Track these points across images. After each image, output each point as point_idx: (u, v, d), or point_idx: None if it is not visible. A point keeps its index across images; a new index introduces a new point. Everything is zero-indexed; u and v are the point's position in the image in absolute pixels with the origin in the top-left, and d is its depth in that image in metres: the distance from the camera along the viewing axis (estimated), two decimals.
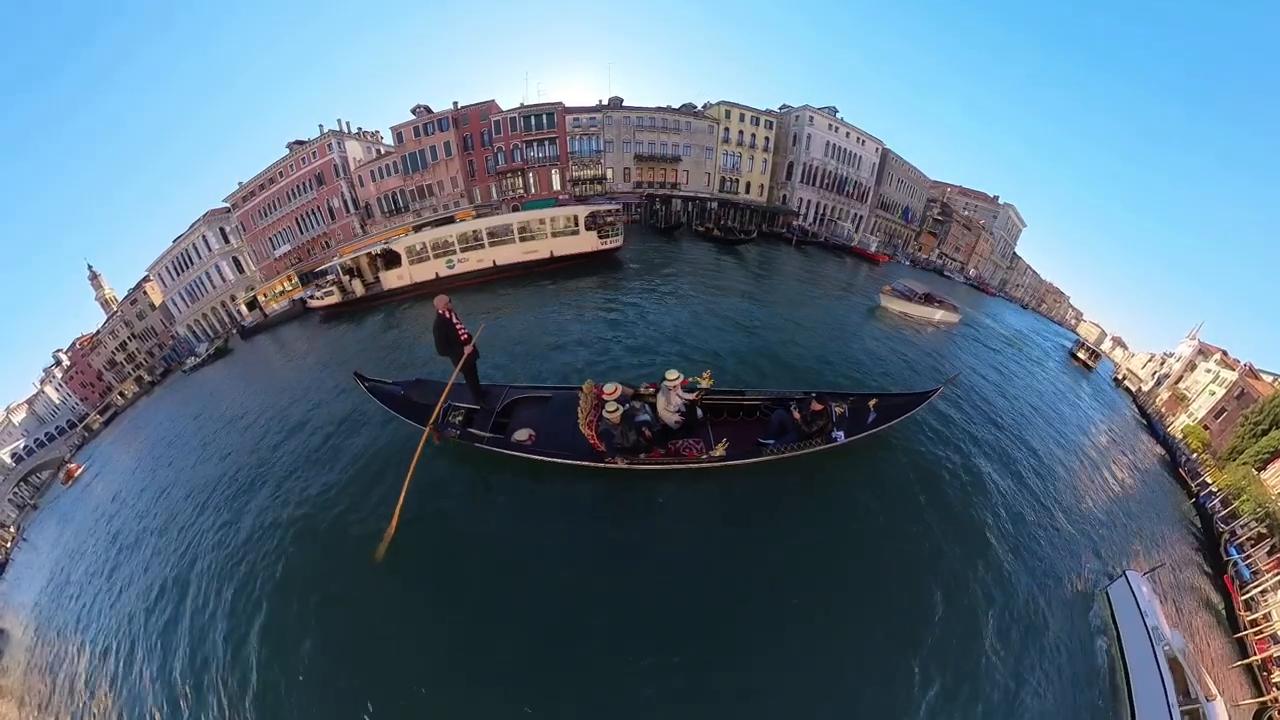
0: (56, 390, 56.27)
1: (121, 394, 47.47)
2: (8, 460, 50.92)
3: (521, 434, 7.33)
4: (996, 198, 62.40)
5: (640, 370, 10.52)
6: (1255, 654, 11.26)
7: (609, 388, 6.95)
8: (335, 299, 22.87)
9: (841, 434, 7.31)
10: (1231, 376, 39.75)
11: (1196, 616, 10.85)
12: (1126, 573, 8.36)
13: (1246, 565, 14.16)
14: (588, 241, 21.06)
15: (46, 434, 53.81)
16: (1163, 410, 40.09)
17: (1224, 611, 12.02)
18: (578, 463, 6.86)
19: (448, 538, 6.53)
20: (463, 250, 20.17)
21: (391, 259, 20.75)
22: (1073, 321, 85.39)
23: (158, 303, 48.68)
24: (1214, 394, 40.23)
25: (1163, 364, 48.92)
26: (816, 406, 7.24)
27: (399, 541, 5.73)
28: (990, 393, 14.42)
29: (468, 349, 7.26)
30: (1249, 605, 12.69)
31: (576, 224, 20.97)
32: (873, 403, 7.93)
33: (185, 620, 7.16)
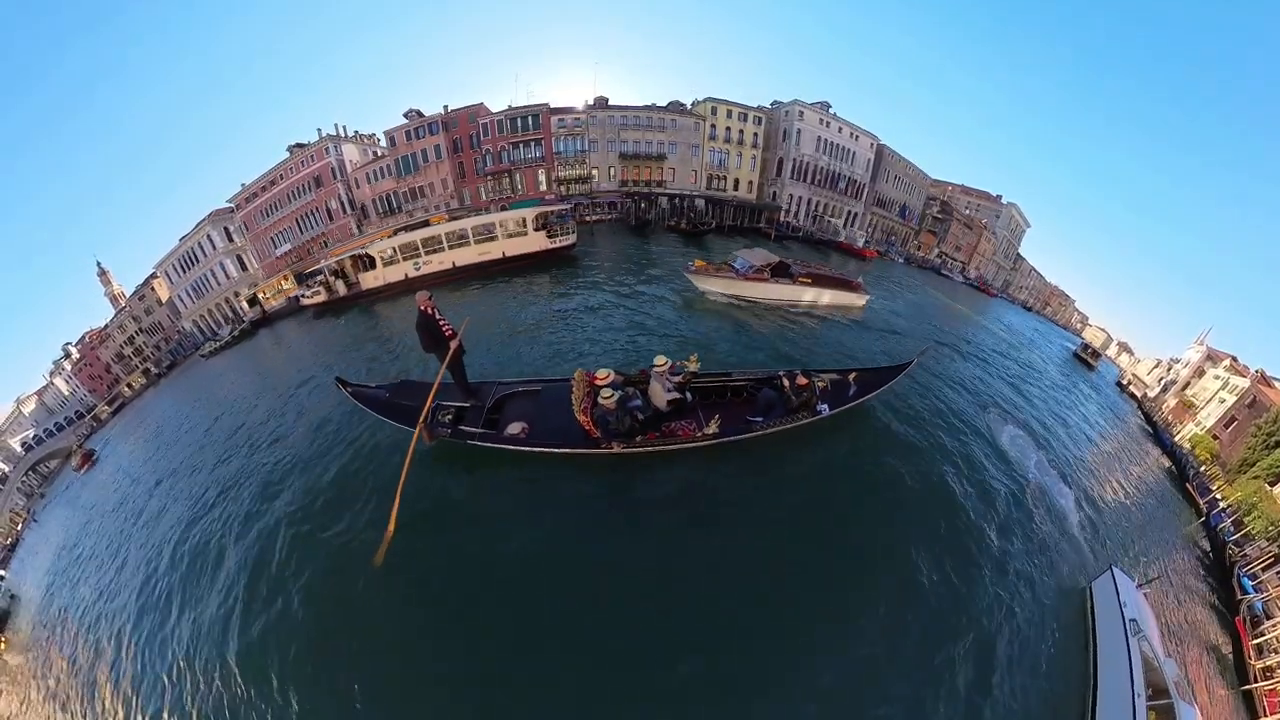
0: (66, 382, 62.66)
1: (129, 385, 53.24)
2: (18, 449, 56.93)
3: (514, 427, 7.65)
4: (999, 197, 64.45)
5: (569, 356, 12.23)
6: (1266, 713, 10.20)
7: (601, 374, 7.46)
8: (323, 297, 27.47)
9: (826, 407, 8.25)
10: (1243, 384, 40.71)
11: (1199, 662, 10.06)
12: (1112, 568, 8.60)
13: (1260, 599, 13.41)
14: (537, 241, 24.53)
15: (55, 424, 59.39)
16: (1169, 418, 40.97)
17: (1232, 658, 11.21)
18: (574, 451, 7.34)
19: (448, 538, 6.86)
20: (426, 253, 24.21)
21: (368, 261, 25.08)
22: (1078, 325, 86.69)
23: (164, 299, 54.64)
24: (1224, 402, 41.27)
25: (1169, 370, 50.38)
26: (802, 381, 8.16)
27: (398, 545, 6.02)
28: (978, 390, 14.69)
29: (453, 344, 7.61)
30: (1260, 651, 11.68)
31: (525, 225, 24.48)
32: (852, 376, 9.04)
33: (174, 617, 7.80)
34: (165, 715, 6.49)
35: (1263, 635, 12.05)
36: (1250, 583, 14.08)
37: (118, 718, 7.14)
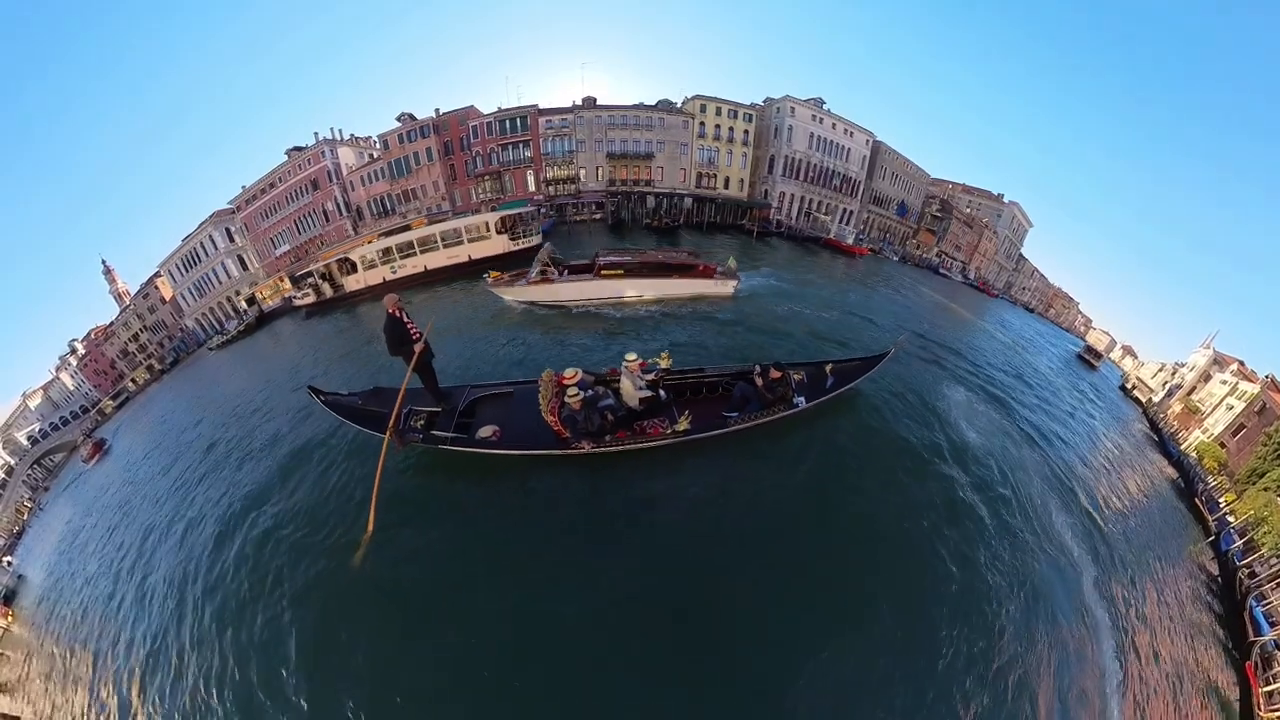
0: (71, 377, 67.38)
1: (133, 381, 58.38)
2: (24, 442, 61.41)
3: (486, 430, 8.04)
4: (1001, 195, 66.38)
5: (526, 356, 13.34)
6: None
7: (568, 373, 7.79)
8: (312, 299, 31.45)
9: (802, 399, 8.62)
10: (1252, 389, 40.81)
11: (1198, 714, 9.21)
12: None
13: (1274, 633, 12.51)
14: (500, 244, 27.49)
15: (61, 418, 64.21)
16: (1175, 424, 41.73)
17: (1238, 706, 10.48)
18: (544, 452, 7.78)
19: (423, 544, 7.23)
20: (401, 257, 27.79)
21: (350, 265, 28.89)
22: (1082, 328, 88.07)
23: (168, 297, 59.65)
24: (1232, 408, 41.47)
25: (1174, 374, 51.38)
26: (775, 374, 8.49)
27: (375, 552, 6.60)
28: (971, 391, 14.82)
29: (418, 347, 8.04)
30: (1271, 698, 10.82)
31: (488, 229, 27.59)
32: (829, 368, 9.49)
33: (160, 604, 8.70)
34: (146, 683, 7.48)
35: (1275, 681, 10.97)
36: (1260, 608, 13.43)
37: (105, 682, 8.32)
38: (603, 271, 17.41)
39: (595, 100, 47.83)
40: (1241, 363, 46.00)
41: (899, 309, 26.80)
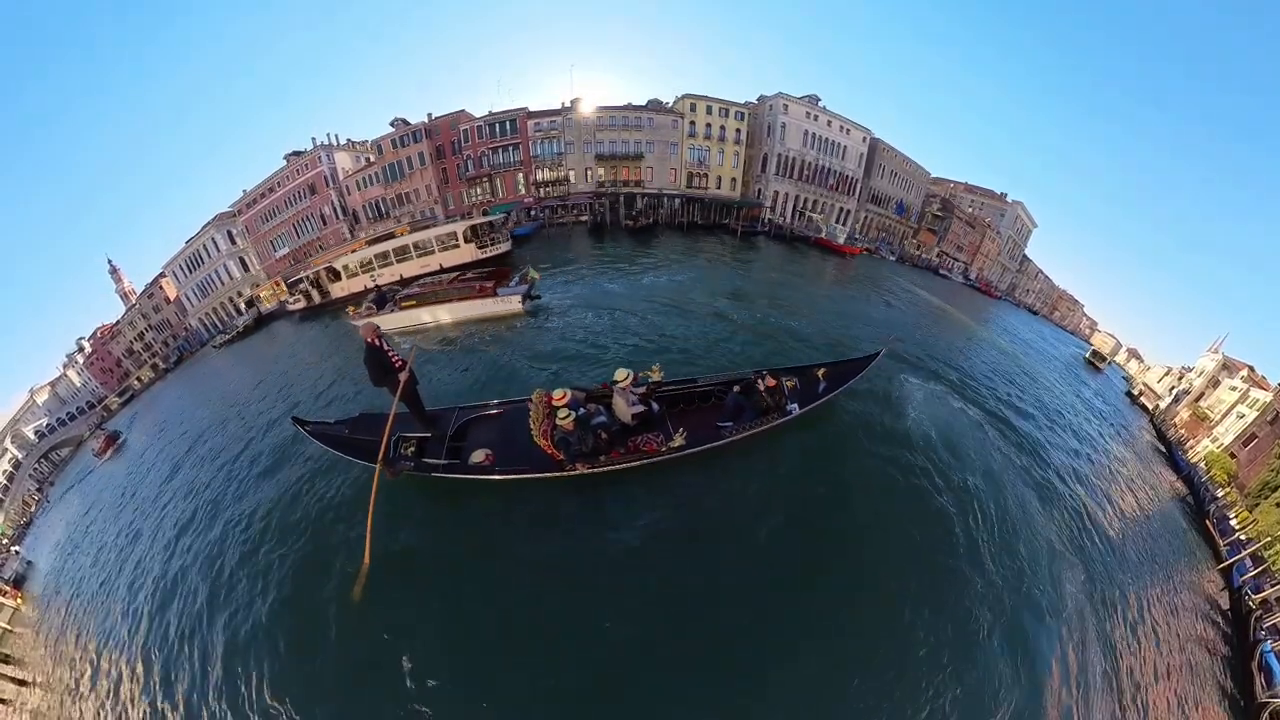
0: (78, 374, 72.61)
1: (139, 379, 63.32)
2: (31, 437, 67.03)
3: (478, 455, 8.28)
4: (1004, 195, 67.51)
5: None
6: None
7: (558, 394, 8.08)
8: (303, 304, 35.16)
9: (796, 406, 9.01)
10: (1265, 398, 41.27)
11: None
12: None
13: None
14: (469, 253, 30.13)
15: (68, 413, 69.86)
16: (1183, 432, 42.96)
17: None
18: (539, 475, 8.01)
19: (422, 573, 7.58)
20: (380, 266, 31.00)
21: (336, 273, 32.35)
22: (1087, 331, 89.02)
23: (172, 297, 64.39)
24: (1243, 416, 42.01)
25: (1181, 378, 52.49)
26: (770, 382, 8.98)
27: (374, 583, 7.00)
28: (968, 402, 15.02)
29: (403, 375, 8.14)
30: None
31: (456, 238, 30.26)
32: (821, 372, 9.92)
33: (153, 614, 9.43)
34: (136, 668, 8.42)
35: None
36: (1273, 648, 12.90)
37: (103, 659, 9.47)
38: (401, 304, 19.73)
39: (584, 102, 50.91)
40: (1252, 368, 46.32)
41: (891, 315, 26.95)
